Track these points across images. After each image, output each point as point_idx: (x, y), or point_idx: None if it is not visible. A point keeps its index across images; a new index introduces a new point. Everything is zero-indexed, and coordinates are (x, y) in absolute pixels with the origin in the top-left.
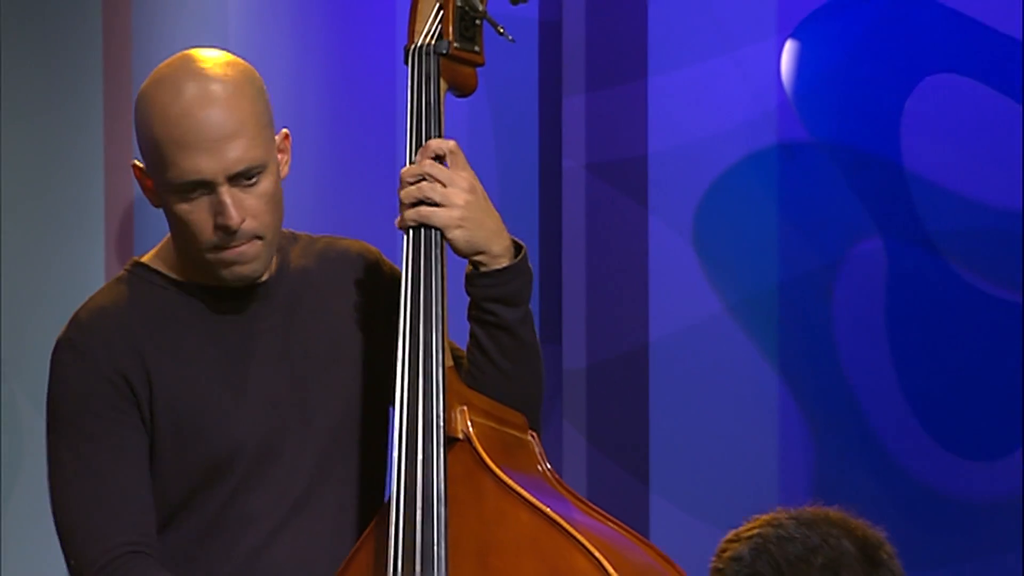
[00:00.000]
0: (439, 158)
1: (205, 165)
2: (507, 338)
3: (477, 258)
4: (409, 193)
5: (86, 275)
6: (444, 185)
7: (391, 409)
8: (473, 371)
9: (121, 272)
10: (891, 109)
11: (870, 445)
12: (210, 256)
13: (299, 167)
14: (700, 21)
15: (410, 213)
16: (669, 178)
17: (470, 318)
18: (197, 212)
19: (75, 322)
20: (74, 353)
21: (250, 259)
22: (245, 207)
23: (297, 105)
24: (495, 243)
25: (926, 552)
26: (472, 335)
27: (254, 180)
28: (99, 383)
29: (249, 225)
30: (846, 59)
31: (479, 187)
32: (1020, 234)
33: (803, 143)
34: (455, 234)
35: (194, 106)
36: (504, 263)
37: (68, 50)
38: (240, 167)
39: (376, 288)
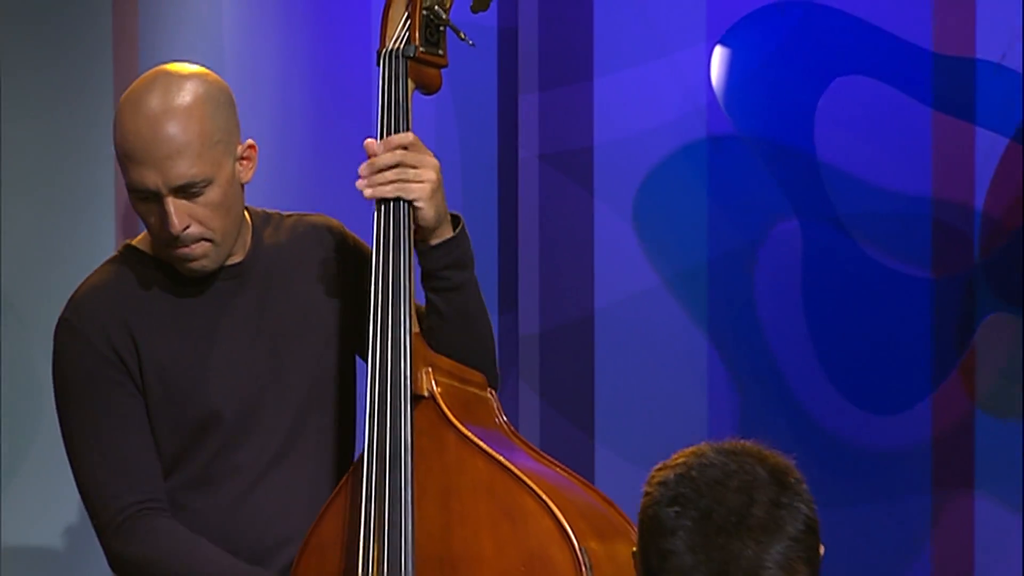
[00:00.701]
0: (403, 148)
1: (150, 179)
2: (459, 298)
3: (436, 230)
4: (386, 174)
5: (99, 258)
6: (416, 167)
7: (359, 370)
8: (435, 333)
9: (115, 253)
10: (806, 106)
11: (787, 401)
12: (165, 251)
13: (286, 154)
14: (639, 29)
15: (390, 188)
16: (612, 167)
17: (427, 288)
18: (149, 215)
19: (72, 302)
20: (72, 333)
21: (199, 257)
22: (191, 214)
23: (284, 100)
24: (447, 215)
25: (837, 496)
26: (429, 303)
27: (198, 191)
28: (96, 361)
29: (194, 230)
30: (767, 62)
31: (439, 170)
32: (917, 215)
33: (729, 136)
34: (426, 205)
35: (145, 125)
36: (451, 233)
37: (81, 55)
38: (181, 181)
39: (341, 257)
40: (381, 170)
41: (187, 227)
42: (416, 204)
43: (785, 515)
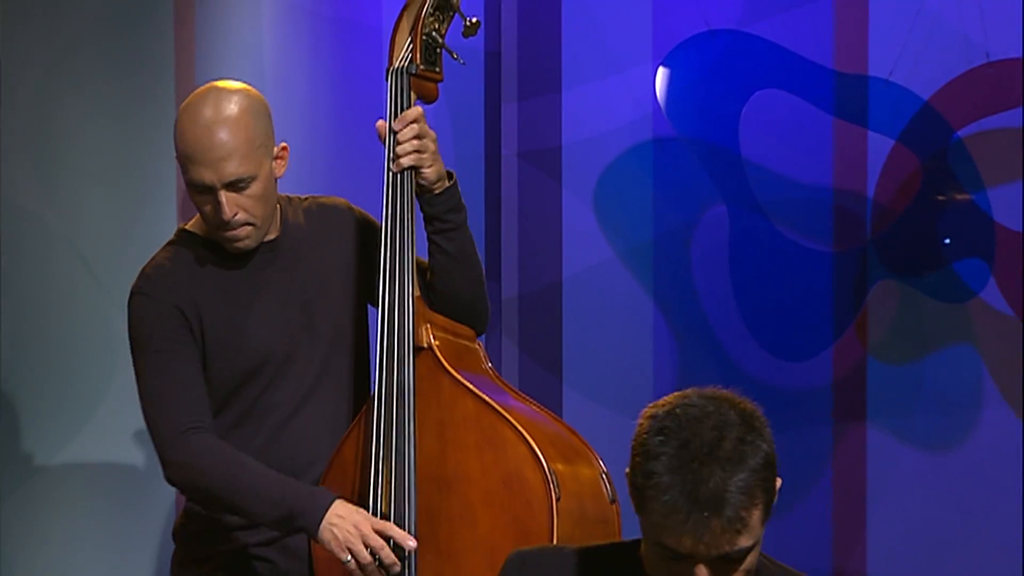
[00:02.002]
0: (415, 121)
1: (206, 176)
2: (459, 237)
3: (434, 186)
4: (406, 149)
5: (163, 236)
6: (423, 138)
7: (372, 325)
8: (439, 274)
9: (172, 237)
10: (732, 114)
11: (716, 351)
12: (216, 233)
13: (312, 151)
14: (598, 52)
15: (407, 159)
16: (576, 162)
17: (431, 233)
18: (204, 204)
19: (142, 275)
20: (143, 297)
21: (243, 238)
22: (238, 204)
23: (311, 109)
24: (444, 172)
25: None
26: (434, 245)
27: (244, 186)
28: (162, 319)
29: (241, 216)
30: (700, 78)
31: (436, 139)
32: (821, 201)
33: (670, 138)
34: (430, 170)
35: (203, 132)
36: (448, 184)
37: (149, 73)
38: (231, 178)
39: (352, 228)
40: (404, 142)
41: (236, 214)
42: (422, 170)
43: (748, 450)
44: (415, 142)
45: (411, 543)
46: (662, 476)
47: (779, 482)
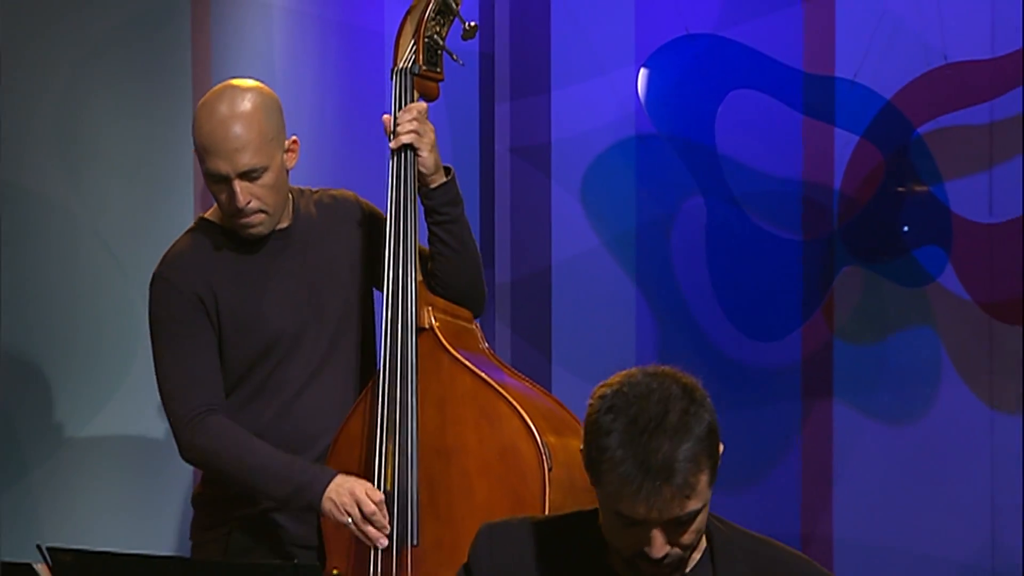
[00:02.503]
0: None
1: (222, 167)
2: (456, 228)
3: (432, 176)
4: (405, 127)
5: (183, 225)
6: (424, 124)
7: (377, 307)
8: (439, 262)
9: (191, 225)
10: (709, 112)
11: (694, 332)
12: (232, 221)
13: (319, 147)
14: (584, 55)
15: (407, 136)
16: (564, 157)
17: (431, 224)
18: (220, 193)
19: (163, 261)
20: (164, 282)
21: (256, 224)
22: (251, 193)
23: (319, 106)
24: (441, 166)
25: (731, 403)
26: (434, 236)
27: (257, 176)
28: (181, 303)
29: (254, 204)
30: (680, 79)
31: (435, 133)
32: (791, 193)
33: (652, 135)
34: (427, 155)
35: (218, 125)
36: (445, 179)
37: (169, 74)
38: (245, 168)
39: (358, 218)
40: (405, 123)
41: (249, 202)
42: (420, 153)
43: (692, 421)
44: (414, 123)
45: (382, 543)
46: (615, 450)
47: (722, 447)
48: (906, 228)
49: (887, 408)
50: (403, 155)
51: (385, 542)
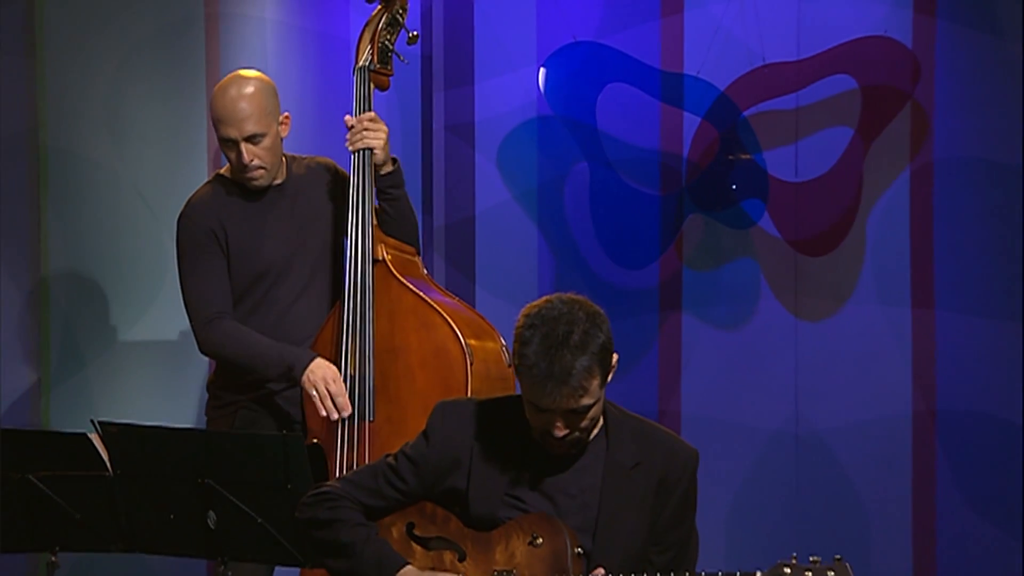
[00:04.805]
0: (369, 119)
1: (232, 132)
2: (398, 204)
3: (383, 167)
4: (360, 132)
5: (198, 181)
6: (375, 130)
7: (345, 244)
8: (386, 224)
9: (209, 178)
10: (591, 99)
11: (580, 263)
12: (239, 175)
13: (302, 125)
14: (499, 56)
15: (360, 143)
16: (485, 133)
17: (380, 199)
18: (230, 153)
19: (187, 205)
20: (187, 220)
21: (258, 178)
22: (253, 153)
23: (301, 95)
24: (390, 157)
25: (607, 314)
26: (382, 208)
27: (258, 140)
28: (200, 235)
29: (256, 162)
30: (570, 75)
31: (387, 133)
32: (651, 159)
33: (550, 116)
34: (380, 152)
35: (229, 101)
36: (392, 168)
37: (187, 67)
38: (249, 134)
39: (335, 181)
40: (357, 132)
41: (252, 160)
42: (375, 152)
43: (590, 340)
44: (366, 132)
45: (345, 412)
46: (531, 357)
47: (616, 357)
48: (734, 186)
49: (721, 317)
50: (361, 150)
51: (347, 412)
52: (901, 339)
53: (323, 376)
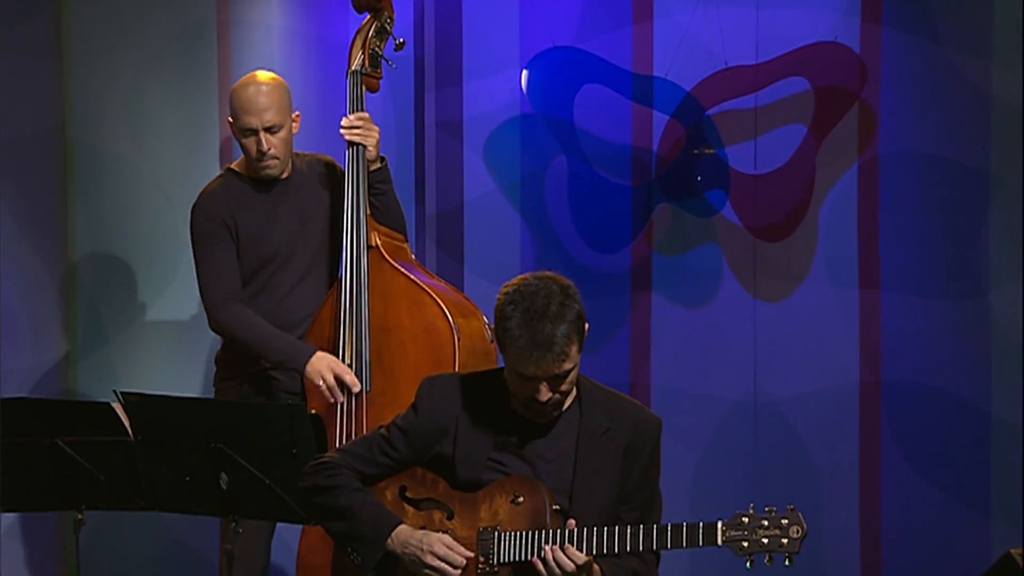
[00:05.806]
0: (362, 119)
1: (253, 121)
2: (386, 198)
3: (373, 164)
4: (352, 129)
5: (209, 175)
6: (367, 129)
7: (342, 232)
8: (376, 215)
9: (221, 172)
10: (569, 99)
11: (559, 249)
12: (254, 164)
13: (304, 123)
14: (485, 59)
15: (356, 136)
16: (472, 129)
17: (370, 193)
18: (248, 144)
19: (201, 195)
20: (200, 210)
21: (272, 167)
22: (270, 142)
23: (304, 94)
24: (379, 155)
25: (583, 294)
26: (371, 201)
27: (276, 131)
28: (212, 225)
29: (272, 151)
30: (550, 76)
31: (379, 133)
32: (624, 154)
33: (532, 114)
34: (372, 149)
35: (251, 94)
36: (380, 165)
37: (200, 69)
38: (268, 124)
39: (334, 176)
40: (352, 127)
41: (269, 148)
42: (367, 149)
43: (566, 310)
44: (358, 130)
45: (356, 388)
46: (514, 330)
47: (587, 326)
48: (699, 178)
49: (687, 297)
50: (355, 146)
51: (356, 389)
52: (849, 317)
53: (327, 365)
